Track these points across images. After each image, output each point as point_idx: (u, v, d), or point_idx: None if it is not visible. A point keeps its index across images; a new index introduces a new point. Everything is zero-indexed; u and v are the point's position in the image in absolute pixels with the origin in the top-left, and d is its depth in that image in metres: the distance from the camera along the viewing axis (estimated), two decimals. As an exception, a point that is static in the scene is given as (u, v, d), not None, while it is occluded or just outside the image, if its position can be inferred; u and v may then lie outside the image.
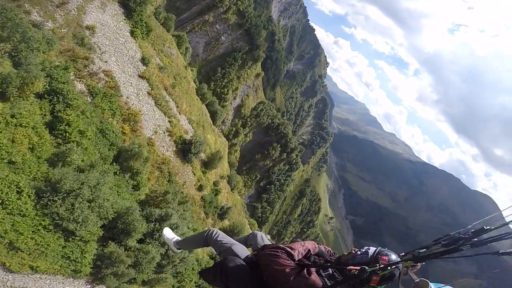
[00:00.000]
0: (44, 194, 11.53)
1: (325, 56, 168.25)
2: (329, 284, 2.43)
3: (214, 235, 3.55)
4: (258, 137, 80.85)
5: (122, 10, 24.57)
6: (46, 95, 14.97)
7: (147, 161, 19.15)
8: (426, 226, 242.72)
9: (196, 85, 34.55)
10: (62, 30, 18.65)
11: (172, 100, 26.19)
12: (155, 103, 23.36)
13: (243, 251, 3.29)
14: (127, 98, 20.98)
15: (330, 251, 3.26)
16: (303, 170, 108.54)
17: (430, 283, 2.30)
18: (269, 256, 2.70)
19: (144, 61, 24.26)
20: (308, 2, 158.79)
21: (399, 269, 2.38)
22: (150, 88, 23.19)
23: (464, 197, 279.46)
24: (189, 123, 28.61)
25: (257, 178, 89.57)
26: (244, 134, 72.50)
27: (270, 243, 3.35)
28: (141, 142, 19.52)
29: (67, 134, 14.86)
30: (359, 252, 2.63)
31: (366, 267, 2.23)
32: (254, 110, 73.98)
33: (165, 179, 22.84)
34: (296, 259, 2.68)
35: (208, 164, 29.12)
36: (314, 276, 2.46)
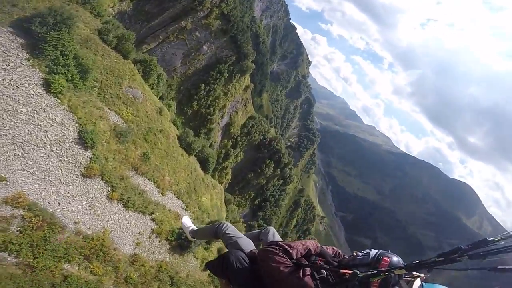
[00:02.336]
0: None
1: (307, 55, 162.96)
2: (320, 287, 2.33)
3: (224, 228, 3.55)
4: (249, 155, 72.62)
5: (20, 41, 15.08)
6: None
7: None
8: (413, 217, 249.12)
9: (178, 129, 25.54)
10: None
11: (149, 180, 17.64)
12: (124, 205, 14.99)
13: (249, 246, 3.28)
14: (76, 224, 13.31)
15: (339, 253, 3.05)
16: (297, 181, 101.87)
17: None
18: (266, 252, 2.66)
19: (84, 139, 15.21)
20: (286, 0, 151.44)
21: (391, 276, 2.10)
22: (109, 189, 14.56)
23: (444, 186, 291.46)
24: (178, 199, 20.46)
25: (251, 197, 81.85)
26: (235, 155, 63.79)
27: (279, 240, 3.37)
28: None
29: None
30: (360, 254, 2.47)
31: (358, 272, 2.12)
32: (245, 127, 65.37)
33: (167, 285, 17.92)
34: (294, 257, 2.61)
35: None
36: (308, 278, 2.39)
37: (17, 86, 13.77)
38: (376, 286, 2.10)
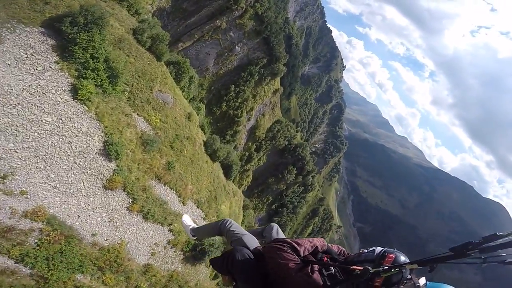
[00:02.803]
0: None
1: (342, 59, 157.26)
2: (329, 283, 2.32)
3: (228, 225, 3.53)
4: (272, 159, 71.43)
5: (50, 42, 14.47)
6: None
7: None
8: (435, 234, 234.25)
9: (205, 133, 25.02)
10: None
11: (171, 189, 17.21)
12: (144, 217, 14.72)
13: (253, 242, 3.27)
14: (93, 236, 13.33)
15: (344, 251, 3.10)
16: (318, 190, 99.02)
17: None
18: (274, 249, 2.67)
19: (109, 150, 14.72)
20: (322, 2, 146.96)
21: (403, 272, 2.09)
22: (130, 201, 14.19)
23: (475, 205, 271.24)
24: (198, 208, 20.13)
25: (269, 201, 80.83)
26: (257, 159, 62.89)
27: (284, 237, 3.45)
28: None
29: None
30: (365, 251, 2.49)
31: (369, 268, 2.09)
32: (270, 131, 64.09)
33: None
34: (302, 255, 2.63)
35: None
36: (316, 274, 2.39)
37: (43, 93, 13.32)
38: (379, 283, 2.06)
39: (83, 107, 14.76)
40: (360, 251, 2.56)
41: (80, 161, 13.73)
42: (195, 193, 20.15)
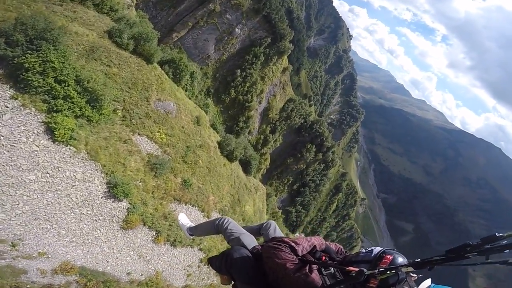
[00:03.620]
0: None
1: (347, 28, 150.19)
2: (328, 283, 2.32)
3: (225, 223, 3.51)
4: (289, 139, 70.05)
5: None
6: None
7: None
8: (463, 202, 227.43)
9: (218, 132, 23.80)
10: None
11: (193, 206, 16.91)
12: (172, 245, 14.51)
13: (251, 242, 3.24)
14: (128, 274, 12.62)
15: (341, 249, 3.06)
16: (339, 165, 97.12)
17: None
18: (271, 249, 2.64)
19: (115, 193, 12.92)
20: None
21: (398, 274, 2.05)
22: (154, 233, 13.74)
23: (504, 169, 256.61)
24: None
25: (290, 182, 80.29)
26: (273, 141, 61.80)
27: (282, 235, 3.39)
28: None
29: None
30: (363, 251, 2.47)
31: (364, 269, 2.04)
32: (284, 111, 62.42)
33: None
34: (300, 254, 2.60)
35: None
36: (315, 274, 2.37)
37: (11, 145, 10.38)
38: (375, 284, 2.05)
39: (69, 149, 11.94)
40: (359, 250, 2.54)
41: (87, 211, 12.07)
42: (218, 202, 19.26)
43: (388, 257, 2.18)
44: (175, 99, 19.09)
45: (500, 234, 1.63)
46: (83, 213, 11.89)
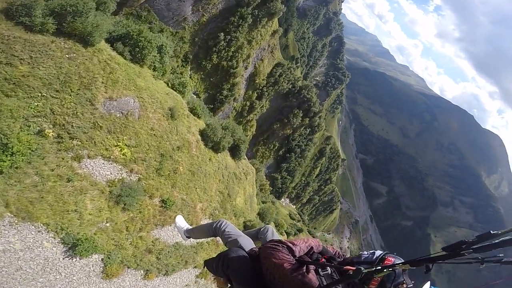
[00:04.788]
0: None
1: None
2: (325, 283, 2.36)
3: (223, 226, 3.55)
4: (275, 104, 68.83)
5: None
6: None
7: None
8: (434, 167, 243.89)
9: (199, 117, 19.44)
10: None
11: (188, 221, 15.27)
12: (165, 274, 13.63)
13: (248, 244, 3.27)
14: None
15: (338, 252, 3.11)
16: (325, 129, 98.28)
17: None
18: (269, 250, 2.66)
19: (76, 253, 10.55)
20: None
21: (395, 272, 2.15)
22: (142, 272, 12.72)
23: (474, 136, 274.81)
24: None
25: (276, 147, 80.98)
26: (260, 107, 60.45)
27: (279, 238, 3.30)
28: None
29: None
30: (365, 253, 2.50)
31: (362, 268, 2.08)
32: (271, 77, 60.13)
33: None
34: (297, 255, 2.63)
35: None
36: (312, 274, 2.40)
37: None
38: (376, 283, 2.10)
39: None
40: (361, 252, 2.56)
41: (54, 276, 9.48)
42: (207, 207, 17.01)
43: (390, 259, 2.23)
44: (136, 90, 12.91)
45: (495, 232, 1.63)
46: (51, 279, 9.33)
